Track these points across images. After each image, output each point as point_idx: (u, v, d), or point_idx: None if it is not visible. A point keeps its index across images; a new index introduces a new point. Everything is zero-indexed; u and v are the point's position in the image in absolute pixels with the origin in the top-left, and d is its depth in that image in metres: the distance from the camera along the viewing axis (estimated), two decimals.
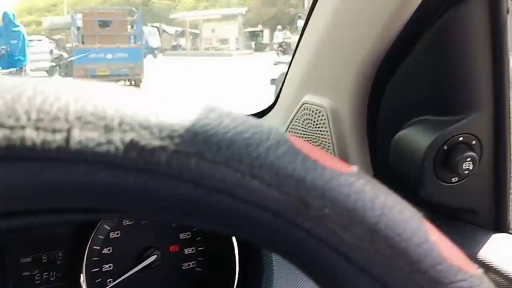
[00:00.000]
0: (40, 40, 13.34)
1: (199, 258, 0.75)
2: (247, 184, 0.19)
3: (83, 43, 10.56)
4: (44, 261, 0.68)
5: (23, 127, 0.17)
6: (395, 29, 0.58)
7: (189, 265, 0.74)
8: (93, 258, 0.66)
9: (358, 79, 0.65)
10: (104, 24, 10.69)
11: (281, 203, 0.19)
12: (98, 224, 0.65)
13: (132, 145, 0.18)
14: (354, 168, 0.20)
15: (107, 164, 0.17)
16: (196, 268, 0.75)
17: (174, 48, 23.78)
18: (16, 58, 7.05)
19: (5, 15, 7.15)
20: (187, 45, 23.79)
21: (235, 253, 0.68)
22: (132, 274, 0.69)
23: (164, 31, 22.69)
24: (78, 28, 10.58)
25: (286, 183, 0.19)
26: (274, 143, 0.19)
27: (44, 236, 0.68)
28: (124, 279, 0.69)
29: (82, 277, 0.63)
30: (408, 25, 0.57)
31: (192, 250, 0.75)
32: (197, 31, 23.56)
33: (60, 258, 0.68)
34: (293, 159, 0.19)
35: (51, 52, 12.25)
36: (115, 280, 0.69)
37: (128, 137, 0.18)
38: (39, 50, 11.28)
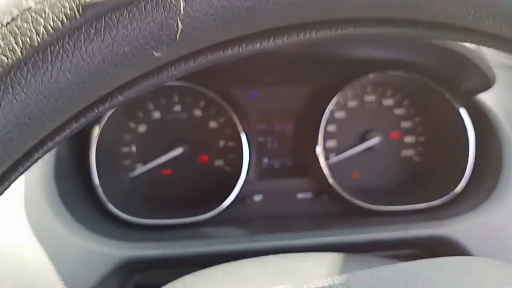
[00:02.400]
0: None
1: (419, 148, 0.75)
2: None
3: None
4: (276, 130, 0.75)
5: None
6: None
7: (408, 153, 0.75)
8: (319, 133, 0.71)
9: None
10: None
11: None
12: (330, 101, 0.68)
13: None
14: None
15: None
16: (415, 158, 0.75)
17: None
18: None
19: None
20: None
21: (468, 143, 0.66)
22: (353, 153, 0.73)
23: None
24: None
25: None
26: None
27: (278, 107, 0.74)
28: (345, 156, 0.73)
29: (319, 148, 0.68)
30: None
31: (412, 139, 0.75)
32: None
33: (291, 129, 0.75)
34: None
35: None
36: (338, 155, 0.73)
37: None
38: None
